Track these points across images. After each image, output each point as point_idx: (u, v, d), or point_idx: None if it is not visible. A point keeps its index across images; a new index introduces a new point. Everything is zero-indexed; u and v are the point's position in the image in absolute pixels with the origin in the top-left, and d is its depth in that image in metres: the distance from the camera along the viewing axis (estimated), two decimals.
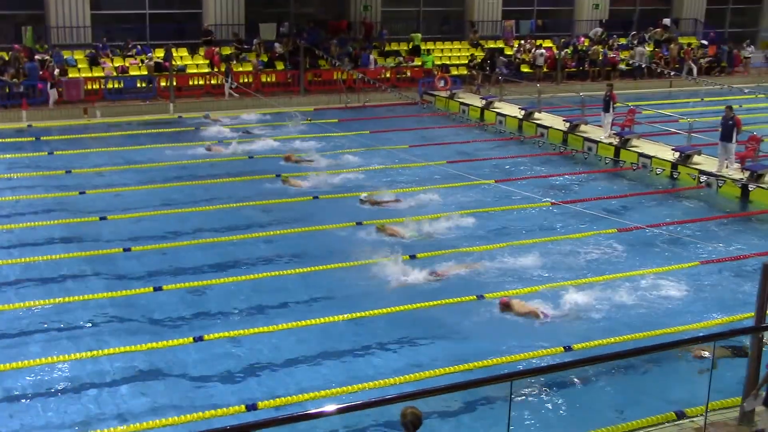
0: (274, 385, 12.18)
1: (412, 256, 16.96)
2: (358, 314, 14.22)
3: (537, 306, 14.45)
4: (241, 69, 34.49)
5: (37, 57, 31.81)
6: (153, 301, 14.88)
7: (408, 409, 7.89)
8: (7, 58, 31.36)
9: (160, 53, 34.23)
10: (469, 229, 18.92)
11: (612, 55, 39.83)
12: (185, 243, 17.75)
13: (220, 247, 17.68)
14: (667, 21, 43.92)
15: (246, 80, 33.54)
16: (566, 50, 39.53)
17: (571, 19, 44.35)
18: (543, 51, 39.19)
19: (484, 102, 31.95)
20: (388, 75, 36.15)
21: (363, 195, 20.50)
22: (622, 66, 40.06)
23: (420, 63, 37.40)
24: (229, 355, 12.94)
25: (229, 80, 32.69)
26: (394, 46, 38.99)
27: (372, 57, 36.66)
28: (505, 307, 14.32)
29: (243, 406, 11.40)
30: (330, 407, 8.18)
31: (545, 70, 38.68)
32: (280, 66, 35.33)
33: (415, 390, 8.83)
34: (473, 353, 12.94)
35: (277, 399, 11.62)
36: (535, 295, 15.13)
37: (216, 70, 33.87)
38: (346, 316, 14.21)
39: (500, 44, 40.90)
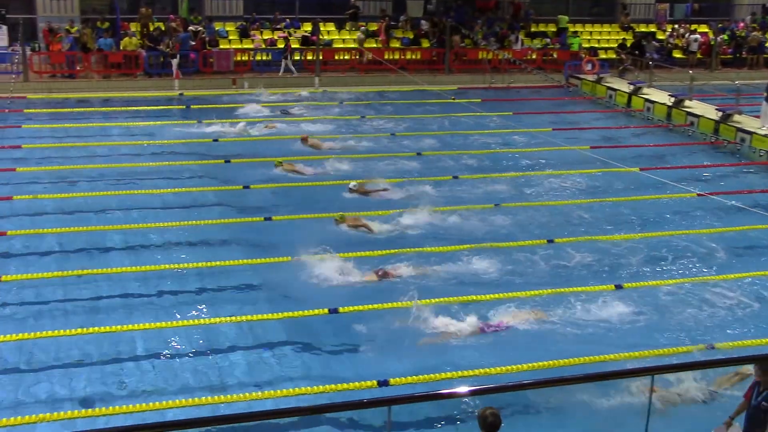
0: (406, 362, 12.14)
1: (550, 241, 16.67)
2: (507, 294, 14.06)
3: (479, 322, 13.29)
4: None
5: (190, 28, 32.79)
6: (288, 270, 15.07)
7: (488, 410, 7.57)
8: (163, 29, 32.46)
9: (307, 27, 34.73)
10: (610, 217, 18.44)
11: None
12: (323, 215, 17.91)
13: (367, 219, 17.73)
14: None
15: (391, 57, 33.66)
16: (722, 36, 37.93)
17: (730, 4, 42.53)
18: (697, 36, 37.73)
19: (632, 87, 30.98)
20: (533, 56, 35.57)
21: (352, 183, 19.47)
22: None
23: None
24: (363, 329, 12.97)
25: (288, 58, 32.61)
26: (541, 28, 38.33)
27: (518, 37, 36.19)
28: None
29: (375, 382, 11.44)
30: (462, 389, 8.05)
31: (699, 56, 37.26)
32: (425, 44, 35.27)
33: (550, 377, 8.63)
34: (616, 344, 12.61)
35: (409, 377, 11.60)
36: (673, 287, 14.63)
37: (364, 47, 34.14)
38: (494, 295, 14.09)
39: (652, 28, 39.62)
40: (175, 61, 31.03)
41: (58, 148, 22.57)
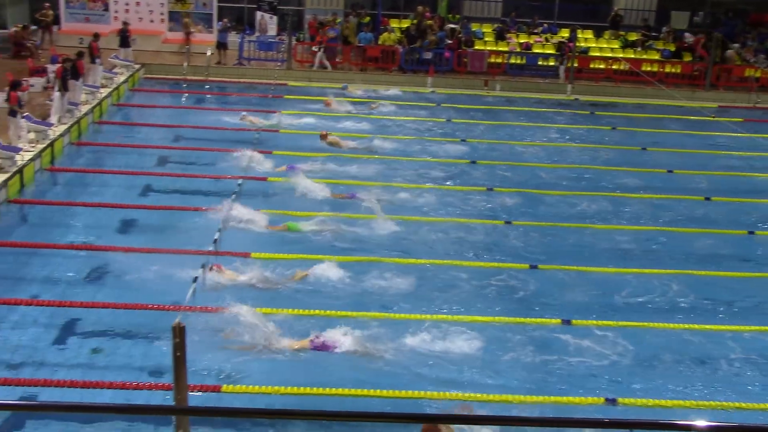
0: (638, 383, 11.66)
1: None
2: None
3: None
4: (645, 57, 33.46)
5: (448, 26, 33.19)
6: (526, 277, 14.86)
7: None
8: (415, 23, 33.03)
9: (564, 33, 34.20)
10: None
11: None
12: (568, 225, 17.53)
13: (604, 234, 17.25)
14: None
15: (650, 69, 32.48)
16: None
17: None
18: None
19: None
20: None
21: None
22: None
23: None
24: (597, 344, 12.50)
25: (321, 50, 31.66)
26: None
27: None
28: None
29: (602, 399, 11.06)
30: (700, 422, 7.48)
31: None
32: (687, 57, 33.75)
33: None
34: None
35: (639, 399, 11.12)
36: None
37: (622, 55, 33.20)
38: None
39: None
40: (319, 54, 31.55)
41: (311, 135, 23.30)
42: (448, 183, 19.86)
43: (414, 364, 11.79)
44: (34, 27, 31.21)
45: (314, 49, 31.74)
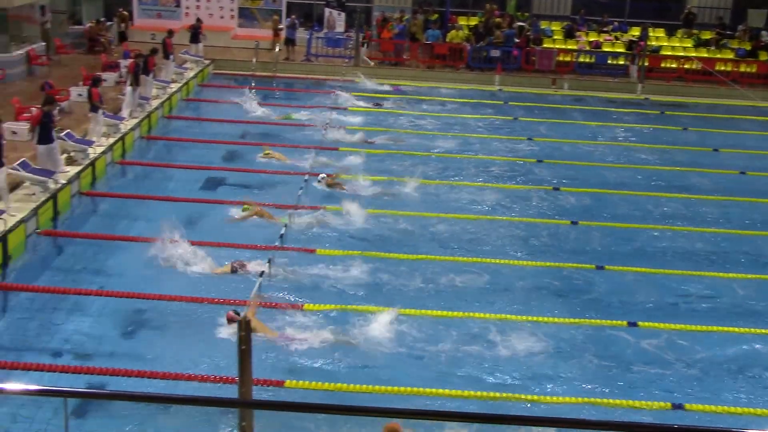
0: (705, 388, 11.43)
1: None
2: None
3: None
4: (719, 56, 32.75)
5: (516, 24, 32.93)
6: (592, 277, 14.68)
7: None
8: (483, 20, 32.81)
9: (635, 31, 33.68)
10: None
11: None
12: (635, 225, 17.25)
13: (672, 236, 16.94)
14: None
15: (724, 68, 31.78)
16: None
17: None
18: None
19: None
20: None
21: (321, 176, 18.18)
22: None
23: None
24: (663, 347, 12.30)
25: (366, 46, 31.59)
26: None
27: None
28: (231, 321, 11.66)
29: (669, 404, 10.85)
30: None
31: None
32: (763, 56, 32.92)
33: None
34: None
35: (707, 405, 10.88)
36: None
37: (695, 54, 32.55)
38: None
39: None
40: (363, 49, 31.38)
41: (371, 132, 23.26)
42: (513, 181, 19.73)
43: (476, 364, 11.73)
44: (109, 23, 31.81)
45: (360, 44, 31.85)
